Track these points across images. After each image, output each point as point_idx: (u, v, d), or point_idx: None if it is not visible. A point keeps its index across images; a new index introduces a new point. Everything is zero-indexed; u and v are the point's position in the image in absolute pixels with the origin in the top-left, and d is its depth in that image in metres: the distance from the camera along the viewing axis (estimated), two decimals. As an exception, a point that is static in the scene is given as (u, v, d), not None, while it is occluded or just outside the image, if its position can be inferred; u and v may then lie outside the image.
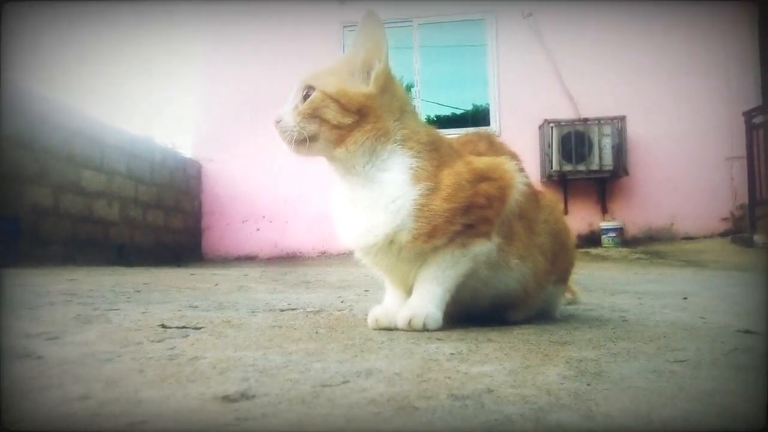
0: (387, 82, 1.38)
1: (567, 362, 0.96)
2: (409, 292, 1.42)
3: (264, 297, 2.34)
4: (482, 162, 1.40)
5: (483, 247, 1.36)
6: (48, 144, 5.06)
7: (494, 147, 1.52)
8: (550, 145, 7.15)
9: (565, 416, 0.65)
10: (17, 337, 1.19)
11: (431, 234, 1.30)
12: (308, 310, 1.87)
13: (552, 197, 1.67)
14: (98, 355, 1.04)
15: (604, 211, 7.51)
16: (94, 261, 5.20)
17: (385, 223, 1.31)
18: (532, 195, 1.51)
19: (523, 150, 7.05)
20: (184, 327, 1.41)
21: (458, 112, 8.56)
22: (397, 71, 1.44)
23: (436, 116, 8.42)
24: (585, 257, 5.97)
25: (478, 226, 1.34)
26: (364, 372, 0.90)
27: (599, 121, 7.09)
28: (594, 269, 4.60)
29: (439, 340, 1.21)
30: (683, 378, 0.86)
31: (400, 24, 7.73)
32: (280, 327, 1.44)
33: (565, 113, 7.47)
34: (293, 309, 1.89)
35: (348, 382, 0.83)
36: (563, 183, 7.38)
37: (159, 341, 1.20)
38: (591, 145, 7.05)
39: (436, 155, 1.35)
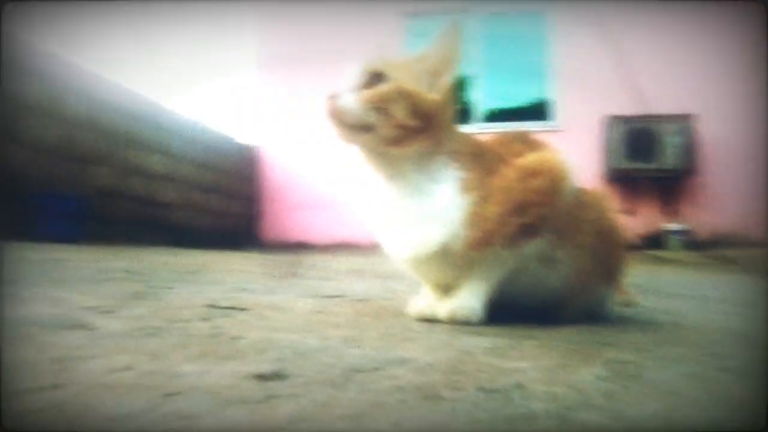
0: (451, 94, 1.37)
1: (605, 363, 0.94)
2: (447, 291, 1.41)
3: (313, 283, 2.38)
4: (528, 159, 1.37)
5: (533, 246, 1.34)
6: (111, 128, 5.32)
7: (532, 145, 1.48)
8: (614, 142, 6.93)
9: (590, 415, 0.63)
10: (73, 309, 1.26)
11: (484, 240, 1.28)
12: (354, 298, 1.89)
13: (599, 193, 1.61)
14: (146, 329, 1.09)
15: (671, 212, 7.23)
16: (154, 242, 5.42)
17: (439, 234, 1.29)
18: (576, 191, 1.47)
19: (585, 146, 6.83)
20: (231, 308, 1.45)
21: (520, 105, 8.41)
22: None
23: (498, 109, 8.31)
24: (648, 259, 5.77)
25: (533, 225, 1.31)
26: (397, 360, 0.90)
27: (667, 118, 6.81)
28: (656, 272, 4.44)
29: (478, 334, 1.21)
30: (724, 385, 0.83)
31: (457, 16, 7.63)
32: (323, 313, 1.46)
33: (631, 109, 7.21)
34: (340, 296, 1.92)
35: (380, 369, 0.84)
36: (627, 181, 7.14)
37: (205, 320, 1.24)
38: (658, 143, 6.79)
39: (483, 163, 1.34)
